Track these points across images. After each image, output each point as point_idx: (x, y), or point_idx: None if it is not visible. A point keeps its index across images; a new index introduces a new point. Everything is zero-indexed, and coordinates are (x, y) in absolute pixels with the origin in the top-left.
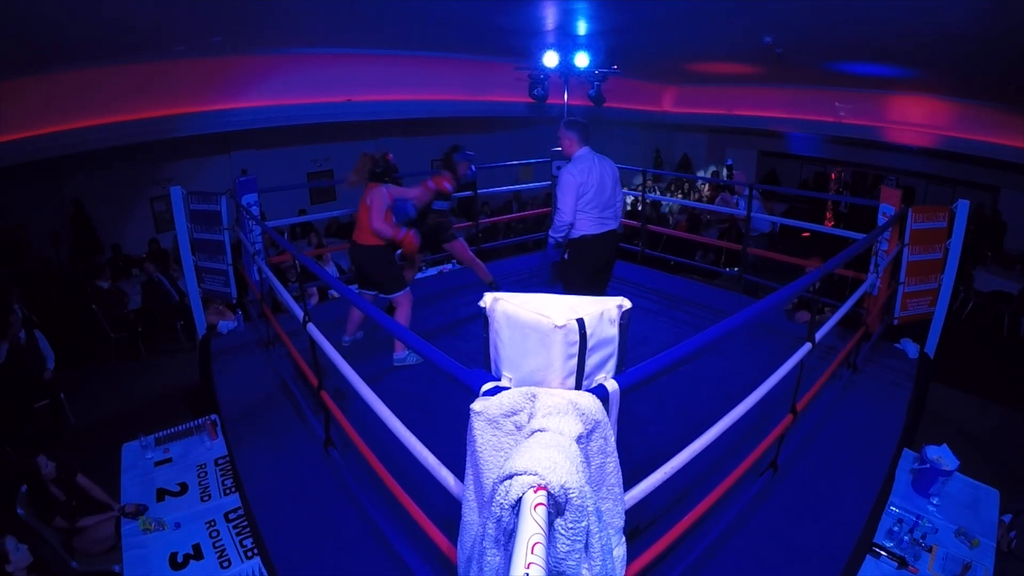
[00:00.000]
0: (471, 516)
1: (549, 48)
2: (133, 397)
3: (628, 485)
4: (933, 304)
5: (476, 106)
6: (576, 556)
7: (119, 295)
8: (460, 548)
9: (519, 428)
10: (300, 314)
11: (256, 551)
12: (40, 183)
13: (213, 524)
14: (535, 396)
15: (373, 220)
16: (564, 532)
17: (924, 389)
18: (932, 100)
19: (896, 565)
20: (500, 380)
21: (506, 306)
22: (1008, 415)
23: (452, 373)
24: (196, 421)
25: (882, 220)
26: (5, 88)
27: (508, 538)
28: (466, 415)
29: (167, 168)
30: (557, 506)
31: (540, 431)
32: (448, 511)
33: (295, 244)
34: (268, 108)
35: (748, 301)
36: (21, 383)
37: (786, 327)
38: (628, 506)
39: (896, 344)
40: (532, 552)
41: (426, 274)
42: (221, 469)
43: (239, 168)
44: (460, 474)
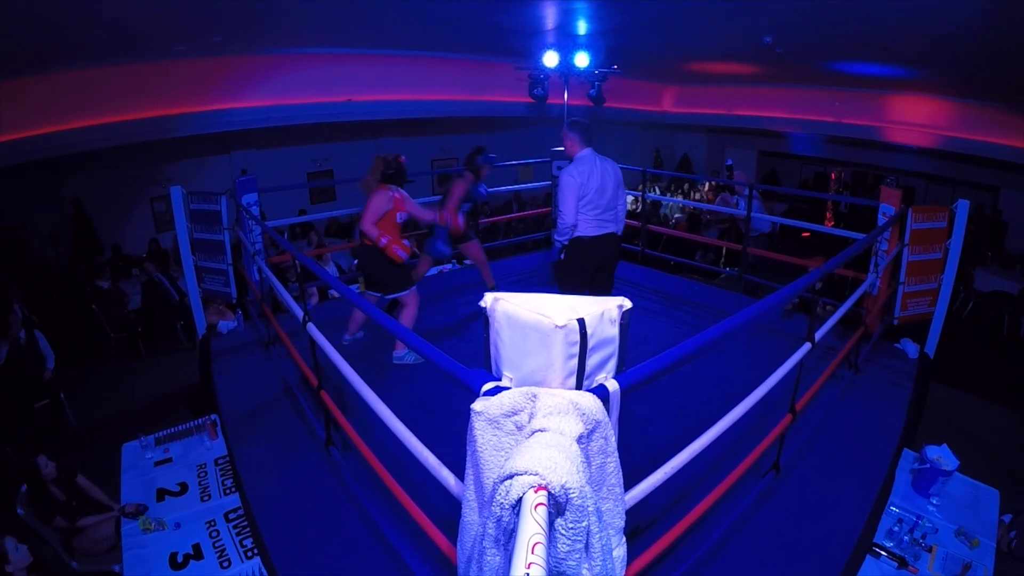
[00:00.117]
0: (471, 516)
1: (549, 48)
2: (133, 397)
3: (628, 485)
4: (933, 304)
5: (476, 106)
6: (576, 556)
7: (119, 295)
8: (460, 548)
9: (520, 428)
10: (300, 314)
11: (256, 551)
12: (40, 183)
13: (213, 524)
14: (536, 396)
15: (363, 221)
16: (564, 532)
17: (924, 389)
18: (932, 100)
19: (896, 565)
20: (500, 380)
21: (506, 306)
22: (1008, 415)
23: (452, 373)
24: (196, 421)
25: (882, 220)
26: (5, 88)
27: (508, 538)
28: (466, 415)
29: (167, 168)
30: (557, 506)
31: (541, 431)
32: (448, 511)
33: (295, 244)
34: (268, 108)
35: (748, 301)
36: (21, 383)
37: (786, 327)
38: (628, 506)
39: (896, 344)
40: (532, 552)
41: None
42: (221, 469)
43: (239, 168)
44: (460, 474)
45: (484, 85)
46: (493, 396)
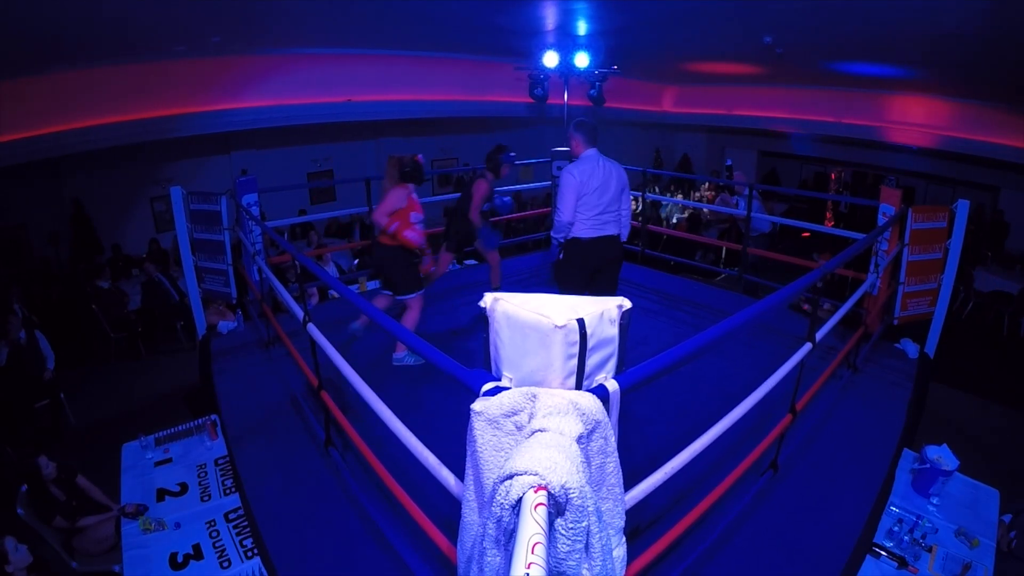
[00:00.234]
0: (471, 516)
1: (549, 48)
2: (133, 397)
3: (628, 485)
4: (933, 304)
5: (476, 106)
6: (576, 556)
7: (119, 295)
8: (460, 548)
9: (519, 428)
10: (300, 314)
11: (256, 551)
12: (40, 183)
13: (213, 524)
14: (535, 396)
15: (376, 212)
16: (564, 532)
17: (924, 389)
18: (932, 100)
19: (896, 565)
20: (500, 380)
21: (506, 306)
22: (1008, 415)
23: (452, 373)
24: (196, 421)
25: (882, 220)
26: (5, 88)
27: (508, 538)
28: (466, 415)
29: (167, 168)
30: (557, 506)
31: (540, 431)
32: (448, 511)
33: (295, 244)
34: (268, 108)
35: (748, 301)
36: (21, 383)
37: (786, 327)
38: (628, 506)
39: (896, 344)
40: (532, 552)
41: None
42: (221, 469)
43: (239, 168)
44: (460, 474)
45: (484, 85)
46: (493, 396)
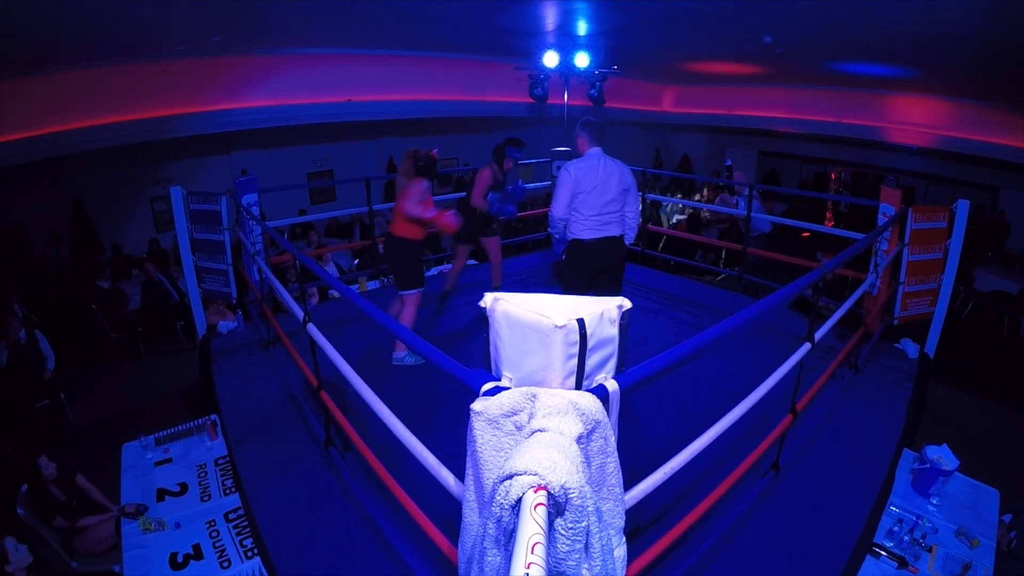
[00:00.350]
0: (471, 516)
1: (549, 48)
2: (133, 397)
3: (628, 485)
4: (933, 304)
5: (476, 106)
6: (576, 556)
7: (119, 295)
8: (460, 548)
9: (519, 428)
10: (300, 314)
11: (256, 551)
12: (40, 183)
13: (213, 524)
14: (535, 396)
15: (405, 204)
16: (564, 532)
17: (924, 389)
18: (932, 100)
19: (896, 565)
20: (500, 380)
21: (506, 306)
22: (1008, 415)
23: (452, 373)
24: (196, 421)
25: (882, 220)
26: (5, 88)
27: (508, 538)
28: (466, 415)
29: (167, 168)
30: (557, 506)
31: (540, 431)
32: (448, 511)
33: (295, 244)
34: (268, 108)
35: (748, 301)
36: (21, 383)
37: (786, 327)
38: (628, 506)
39: (896, 344)
40: (532, 552)
41: (428, 273)
42: (221, 469)
43: (239, 168)
44: (460, 474)
45: (484, 85)
46: (493, 396)
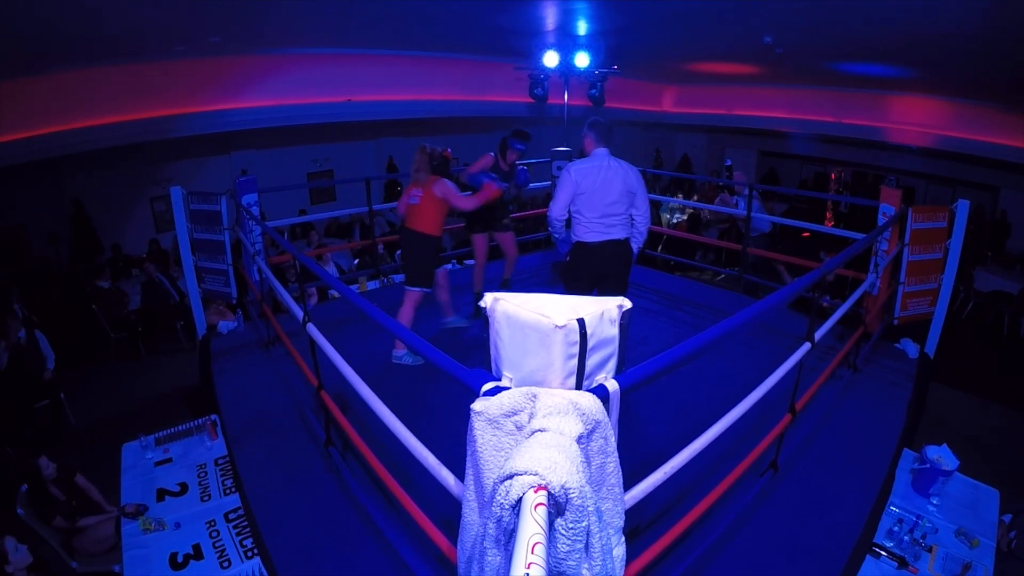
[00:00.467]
0: (471, 516)
1: (549, 48)
2: (133, 397)
3: (628, 485)
4: (933, 304)
5: (476, 106)
6: (576, 556)
7: (119, 295)
8: (460, 548)
9: (519, 428)
10: (300, 314)
11: (256, 551)
12: (40, 183)
13: (213, 524)
14: (535, 396)
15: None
16: (564, 532)
17: (924, 389)
18: (932, 100)
19: (896, 565)
20: (500, 380)
21: (506, 306)
22: (1008, 415)
23: (452, 373)
24: (196, 421)
25: (882, 220)
26: (5, 88)
27: (508, 538)
28: (466, 415)
29: (167, 168)
30: (557, 506)
31: (540, 431)
32: (448, 511)
33: (295, 244)
34: (268, 108)
35: (748, 301)
36: (21, 383)
37: (786, 327)
38: (628, 506)
39: (896, 344)
40: (532, 552)
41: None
42: (221, 469)
43: (239, 168)
44: (460, 474)
45: (484, 85)
46: (493, 396)
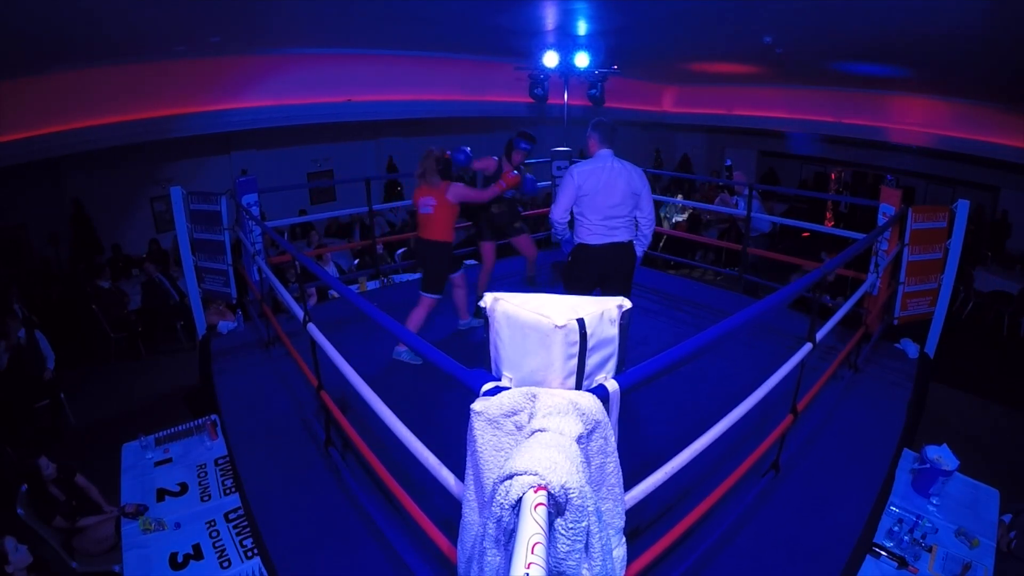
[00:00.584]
0: (471, 516)
1: (549, 48)
2: (133, 397)
3: (628, 485)
4: (933, 304)
5: (476, 106)
6: (576, 556)
7: (119, 295)
8: (460, 548)
9: (519, 428)
10: (300, 314)
11: (256, 551)
12: (40, 183)
13: (213, 524)
14: (535, 396)
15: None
16: (564, 532)
17: (924, 389)
18: (932, 100)
19: (896, 565)
20: (500, 380)
21: (506, 306)
22: (1008, 415)
23: (452, 373)
24: (196, 421)
25: (882, 220)
26: (5, 88)
27: (508, 538)
28: (466, 415)
29: (167, 168)
30: (557, 506)
31: (540, 431)
32: (448, 511)
33: (295, 244)
34: (268, 108)
35: (748, 301)
36: (21, 383)
37: (786, 327)
38: (628, 506)
39: (896, 344)
40: (532, 552)
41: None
42: (221, 469)
43: (239, 168)
44: (460, 474)
45: (484, 85)
46: (493, 396)
